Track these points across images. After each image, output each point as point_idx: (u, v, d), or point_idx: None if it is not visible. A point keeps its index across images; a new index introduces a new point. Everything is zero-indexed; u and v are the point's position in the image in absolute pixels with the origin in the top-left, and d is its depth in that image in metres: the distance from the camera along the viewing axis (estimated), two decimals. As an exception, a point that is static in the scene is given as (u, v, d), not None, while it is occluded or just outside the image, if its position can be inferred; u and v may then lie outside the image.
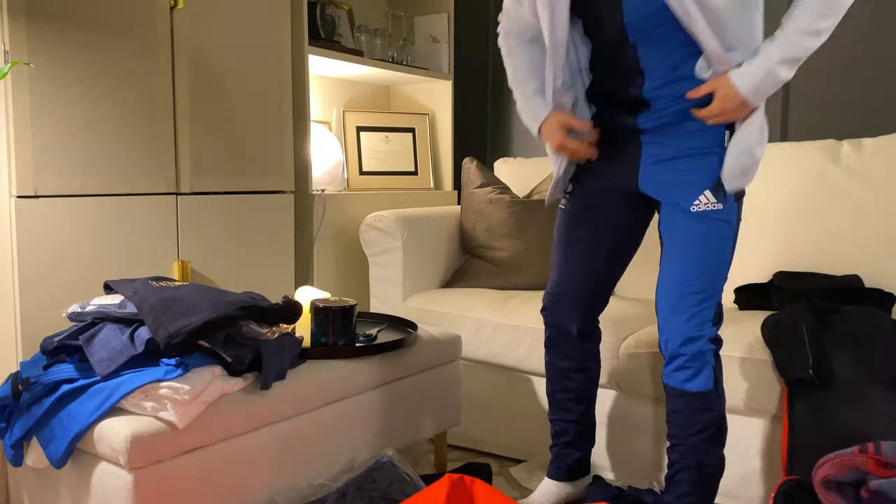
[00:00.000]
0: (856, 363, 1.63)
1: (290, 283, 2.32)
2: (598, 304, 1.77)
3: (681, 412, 1.55)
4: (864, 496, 1.29)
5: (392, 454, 1.72)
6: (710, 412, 1.54)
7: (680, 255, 1.54)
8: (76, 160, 1.77)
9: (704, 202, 1.52)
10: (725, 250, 1.54)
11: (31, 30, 1.67)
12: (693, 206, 1.53)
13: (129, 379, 1.37)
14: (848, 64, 2.47)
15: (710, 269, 1.52)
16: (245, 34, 2.14)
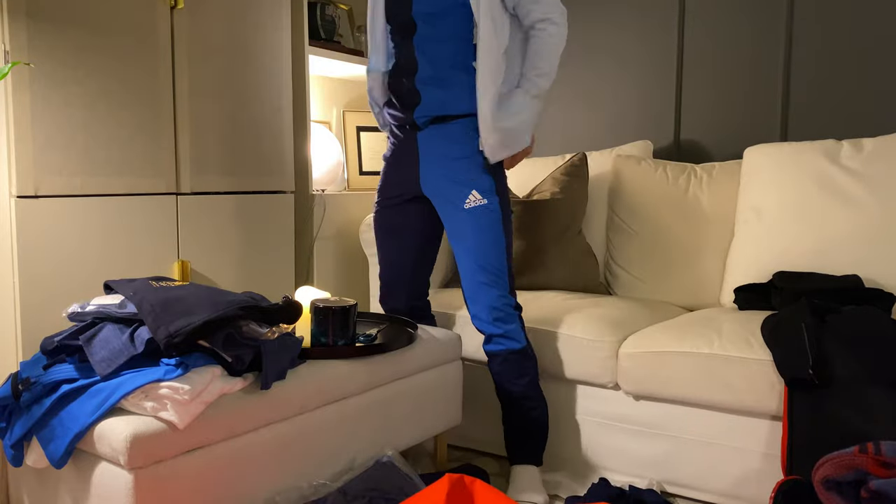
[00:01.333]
0: (856, 363, 1.63)
1: (290, 283, 2.33)
2: (420, 290, 2.10)
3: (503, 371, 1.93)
4: (864, 496, 1.29)
5: (392, 454, 1.72)
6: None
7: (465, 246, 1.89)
8: (76, 160, 1.77)
9: (474, 200, 1.87)
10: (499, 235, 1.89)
11: (31, 30, 1.67)
12: (466, 204, 1.87)
13: (129, 379, 1.37)
14: (848, 64, 2.47)
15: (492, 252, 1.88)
16: (245, 34, 2.14)
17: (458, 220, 1.88)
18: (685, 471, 1.89)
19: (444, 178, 1.89)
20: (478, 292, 1.88)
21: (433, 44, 1.84)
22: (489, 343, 1.92)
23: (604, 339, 1.98)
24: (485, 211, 1.86)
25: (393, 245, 2.05)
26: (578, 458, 2.07)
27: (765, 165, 2.28)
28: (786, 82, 2.57)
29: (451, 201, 1.89)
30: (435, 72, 1.85)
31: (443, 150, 1.89)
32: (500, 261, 1.87)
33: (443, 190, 1.90)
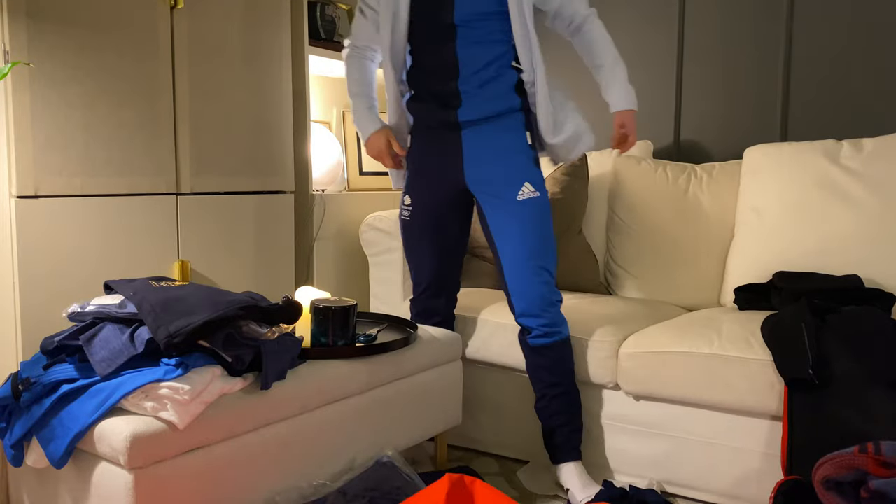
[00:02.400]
0: (856, 363, 1.63)
1: (290, 283, 2.33)
2: (456, 291, 2.11)
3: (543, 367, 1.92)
4: (864, 496, 1.29)
5: (392, 454, 1.72)
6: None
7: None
8: (76, 160, 1.77)
9: (527, 192, 1.86)
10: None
11: (31, 30, 1.67)
12: (518, 196, 1.86)
13: (129, 379, 1.37)
14: (848, 64, 2.47)
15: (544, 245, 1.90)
16: (245, 34, 2.14)
17: (507, 212, 1.86)
18: (685, 471, 1.89)
19: (494, 171, 1.88)
20: (528, 286, 1.86)
21: (475, 46, 1.84)
22: (541, 336, 1.89)
23: (604, 339, 1.98)
24: (537, 203, 1.86)
25: (431, 246, 2.01)
26: (578, 458, 2.07)
27: (765, 165, 2.28)
28: (786, 82, 2.57)
29: (501, 194, 1.87)
30: (478, 73, 1.85)
31: (492, 144, 1.88)
32: (551, 254, 1.88)
33: (492, 183, 1.88)
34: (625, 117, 1.92)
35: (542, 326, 1.88)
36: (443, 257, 2.02)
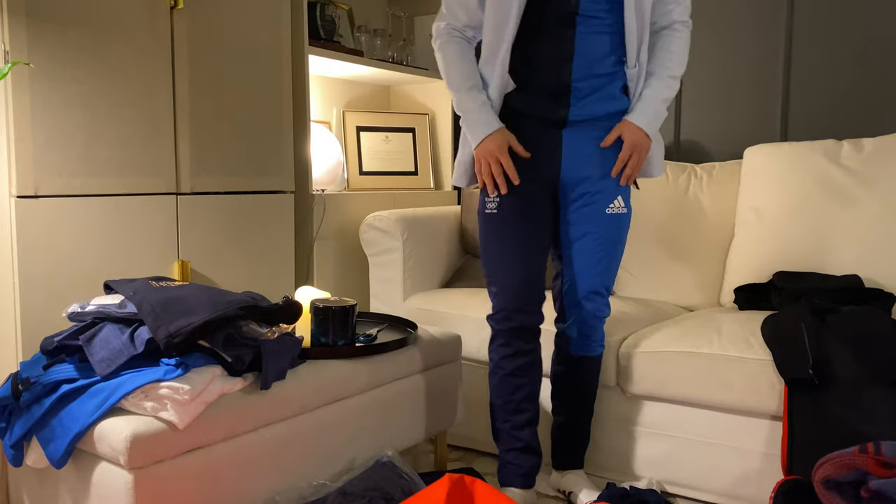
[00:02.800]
0: (856, 363, 1.63)
1: (290, 283, 2.33)
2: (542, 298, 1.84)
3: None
4: (864, 496, 1.29)
5: (392, 454, 1.72)
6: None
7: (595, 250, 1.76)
8: (76, 160, 1.77)
9: (618, 206, 1.74)
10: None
11: (31, 30, 1.67)
12: (608, 209, 1.73)
13: (129, 379, 1.37)
14: (848, 64, 2.47)
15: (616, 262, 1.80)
16: (245, 34, 2.14)
17: (594, 221, 1.73)
18: (685, 471, 1.89)
19: (592, 176, 1.72)
20: (588, 300, 1.76)
21: (592, 37, 1.66)
22: (587, 349, 1.81)
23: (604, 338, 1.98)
24: (623, 220, 1.76)
25: (523, 243, 1.74)
26: (578, 458, 2.07)
27: (765, 165, 2.28)
28: (786, 82, 2.57)
29: (595, 201, 1.72)
30: (593, 67, 1.67)
31: (595, 147, 1.72)
32: (614, 273, 1.80)
33: (587, 189, 1.72)
34: (636, 138, 1.69)
35: (587, 339, 1.80)
36: (533, 254, 1.74)
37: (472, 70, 1.74)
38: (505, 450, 1.81)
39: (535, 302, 1.76)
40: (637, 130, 1.69)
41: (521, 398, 1.78)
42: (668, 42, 1.73)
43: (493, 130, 1.69)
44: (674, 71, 1.73)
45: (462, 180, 1.81)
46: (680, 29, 1.74)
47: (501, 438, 1.81)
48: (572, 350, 1.82)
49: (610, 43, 1.67)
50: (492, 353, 1.81)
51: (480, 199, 1.78)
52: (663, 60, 1.73)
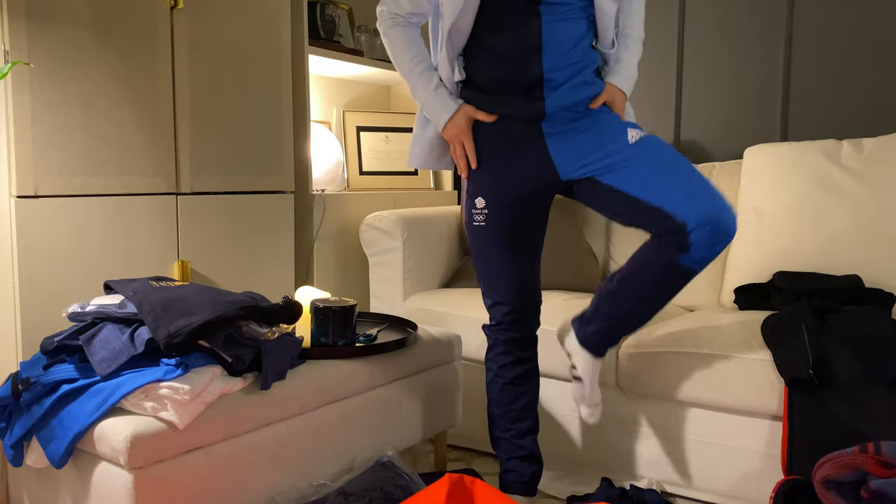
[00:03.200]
0: (856, 363, 1.63)
1: (290, 283, 2.33)
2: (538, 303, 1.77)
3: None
4: (864, 496, 1.29)
5: (392, 454, 1.73)
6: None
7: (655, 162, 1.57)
8: (76, 160, 1.77)
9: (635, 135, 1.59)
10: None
11: (31, 30, 1.67)
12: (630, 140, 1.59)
13: (129, 379, 1.37)
14: (848, 64, 2.47)
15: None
16: (245, 34, 2.14)
17: (627, 156, 1.55)
18: (685, 471, 1.89)
19: (590, 147, 1.59)
20: (688, 183, 1.52)
21: (560, 24, 1.56)
22: (707, 249, 1.49)
23: (604, 339, 1.97)
24: (651, 138, 1.59)
25: (513, 253, 1.67)
26: (578, 458, 2.07)
27: (765, 165, 2.28)
28: (786, 82, 2.57)
29: (610, 155, 1.57)
30: (565, 56, 1.57)
31: (578, 127, 1.60)
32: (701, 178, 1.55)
33: (594, 158, 1.58)
34: (616, 96, 1.64)
35: (713, 231, 1.47)
36: (528, 264, 1.70)
37: (419, 51, 1.68)
38: (506, 458, 1.78)
39: (532, 310, 1.73)
40: (621, 94, 1.65)
41: (522, 406, 1.76)
42: (634, 3, 1.69)
43: (453, 112, 1.64)
44: (642, 33, 1.72)
45: (421, 162, 1.76)
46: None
47: (502, 447, 1.78)
48: (686, 260, 1.50)
49: (581, 27, 1.58)
50: (489, 363, 1.78)
51: (467, 209, 1.71)
52: (634, 22, 1.69)
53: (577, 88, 1.59)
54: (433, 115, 1.67)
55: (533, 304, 1.73)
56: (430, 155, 1.75)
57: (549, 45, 1.56)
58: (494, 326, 1.74)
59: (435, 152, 1.74)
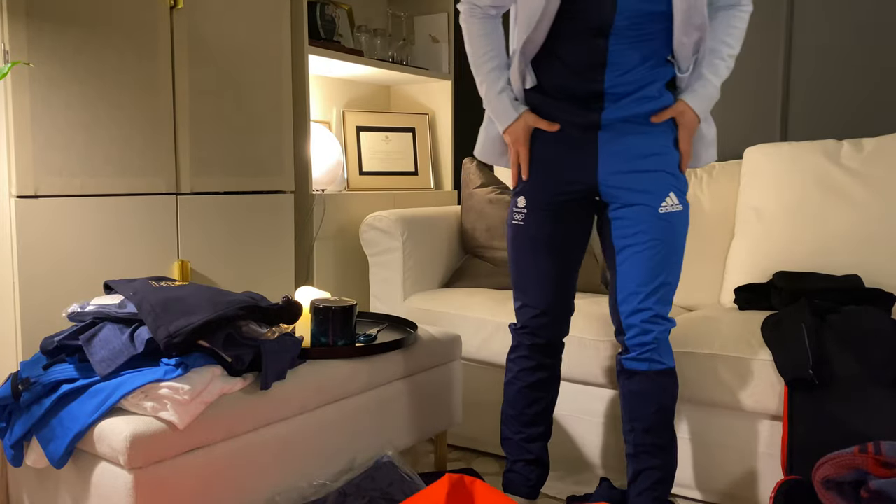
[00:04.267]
0: (856, 363, 1.63)
1: (290, 283, 2.33)
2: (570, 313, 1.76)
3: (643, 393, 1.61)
4: (864, 496, 1.29)
5: (392, 454, 1.73)
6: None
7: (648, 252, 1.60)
8: (76, 160, 1.77)
9: (671, 204, 1.58)
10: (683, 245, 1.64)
11: (31, 30, 1.67)
12: (661, 208, 1.57)
13: (129, 379, 1.37)
14: (848, 64, 2.47)
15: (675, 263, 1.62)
16: (245, 34, 2.14)
17: (644, 223, 1.57)
18: (685, 471, 1.89)
19: (636, 175, 1.57)
20: (641, 302, 1.58)
21: (630, 46, 1.53)
22: (636, 360, 1.60)
23: (604, 339, 1.98)
24: (679, 218, 1.58)
25: (550, 257, 1.66)
26: (578, 458, 2.07)
27: (765, 165, 2.28)
28: (786, 82, 2.57)
29: (641, 202, 1.57)
30: (629, 73, 1.55)
31: (636, 144, 1.57)
32: (677, 275, 1.61)
33: (632, 189, 1.57)
34: (689, 120, 1.58)
35: (640, 347, 1.59)
36: (563, 271, 1.68)
37: (493, 46, 1.65)
38: (513, 460, 1.77)
39: (561, 319, 1.72)
40: (692, 113, 1.58)
41: (537, 412, 1.75)
42: (732, 18, 1.60)
43: (514, 120, 1.62)
44: (735, 49, 1.60)
45: (483, 154, 1.76)
46: (745, 7, 1.61)
47: (511, 448, 1.77)
48: (625, 360, 1.63)
49: (652, 47, 1.54)
50: (510, 363, 1.76)
51: (510, 207, 1.71)
52: (726, 38, 1.59)
53: (639, 102, 1.56)
54: (496, 117, 1.66)
55: (562, 312, 1.71)
56: (493, 150, 1.74)
57: (614, 64, 1.54)
58: (520, 329, 1.73)
59: (497, 148, 1.73)
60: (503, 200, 2.50)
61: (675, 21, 1.50)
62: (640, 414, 1.60)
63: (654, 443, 1.60)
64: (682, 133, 1.59)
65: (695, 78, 1.59)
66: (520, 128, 1.63)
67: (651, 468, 1.61)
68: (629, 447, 1.64)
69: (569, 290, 1.71)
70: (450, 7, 3.01)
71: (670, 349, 1.62)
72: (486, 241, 2.51)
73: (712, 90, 1.59)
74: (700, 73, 1.59)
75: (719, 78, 1.59)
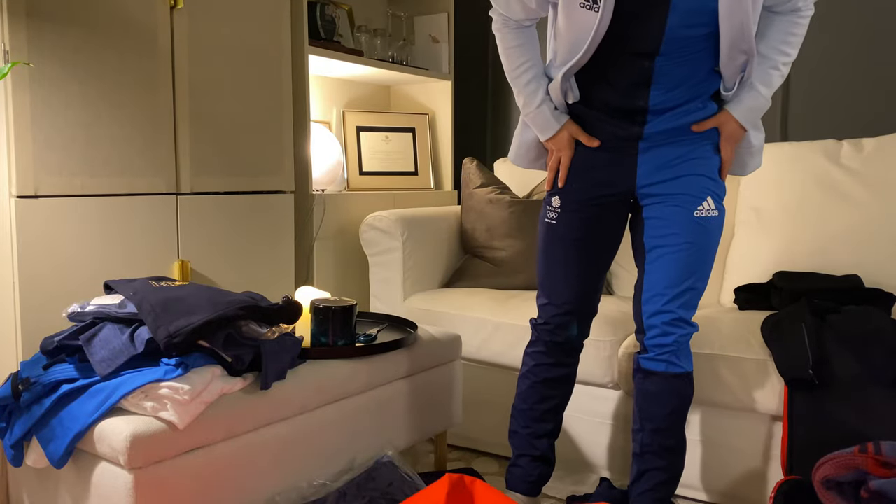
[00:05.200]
0: (856, 363, 1.63)
1: (290, 283, 2.33)
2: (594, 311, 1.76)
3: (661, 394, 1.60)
4: (863, 496, 1.29)
5: (392, 454, 1.73)
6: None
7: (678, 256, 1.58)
8: (76, 160, 1.77)
9: (707, 208, 1.56)
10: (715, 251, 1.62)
11: (31, 30, 1.67)
12: (696, 212, 1.56)
13: (129, 379, 1.37)
14: (848, 64, 2.47)
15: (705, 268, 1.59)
16: (245, 34, 2.14)
17: (679, 225, 1.55)
18: (686, 471, 1.89)
19: (674, 179, 1.57)
20: (664, 305, 1.57)
21: (675, 65, 1.51)
22: (654, 360, 1.59)
23: (604, 339, 1.98)
24: (714, 223, 1.56)
25: (580, 257, 1.65)
26: (578, 458, 2.07)
27: (765, 165, 2.28)
28: (786, 82, 2.57)
29: (678, 204, 1.56)
30: (674, 91, 1.53)
31: (676, 151, 1.57)
32: (705, 281, 1.59)
33: (670, 192, 1.57)
34: (733, 130, 1.55)
35: (658, 348, 1.58)
36: (591, 272, 1.67)
37: (529, 57, 1.62)
38: (518, 454, 1.77)
39: (585, 319, 1.71)
40: (735, 124, 1.55)
41: (548, 409, 1.74)
42: (791, 25, 1.53)
43: (556, 132, 1.61)
44: (791, 57, 1.54)
45: (518, 160, 1.74)
46: (804, 13, 1.53)
47: (517, 442, 1.77)
48: (643, 360, 1.62)
49: (699, 62, 1.51)
50: (527, 357, 1.76)
51: (543, 206, 1.71)
52: (781, 45, 1.53)
53: (682, 115, 1.55)
54: (537, 129, 1.64)
55: (587, 313, 1.71)
56: (527, 156, 1.73)
57: (659, 83, 1.52)
58: (541, 325, 1.72)
59: (531, 154, 1.72)
60: (503, 200, 2.50)
61: (722, 45, 1.46)
62: (651, 414, 1.60)
63: (661, 444, 1.60)
64: (724, 142, 1.57)
65: (744, 87, 1.54)
66: (563, 138, 1.62)
67: (655, 469, 1.61)
68: (636, 446, 1.63)
69: (595, 291, 1.70)
70: (450, 7, 3.01)
71: (690, 354, 1.60)
72: (486, 241, 2.51)
73: (761, 101, 1.54)
74: (751, 82, 1.54)
75: (770, 88, 1.54)
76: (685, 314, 1.57)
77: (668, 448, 1.60)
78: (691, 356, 1.61)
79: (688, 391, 1.60)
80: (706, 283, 1.59)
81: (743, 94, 1.54)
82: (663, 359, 1.57)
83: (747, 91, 1.54)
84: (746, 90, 1.54)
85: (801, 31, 1.54)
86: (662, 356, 1.57)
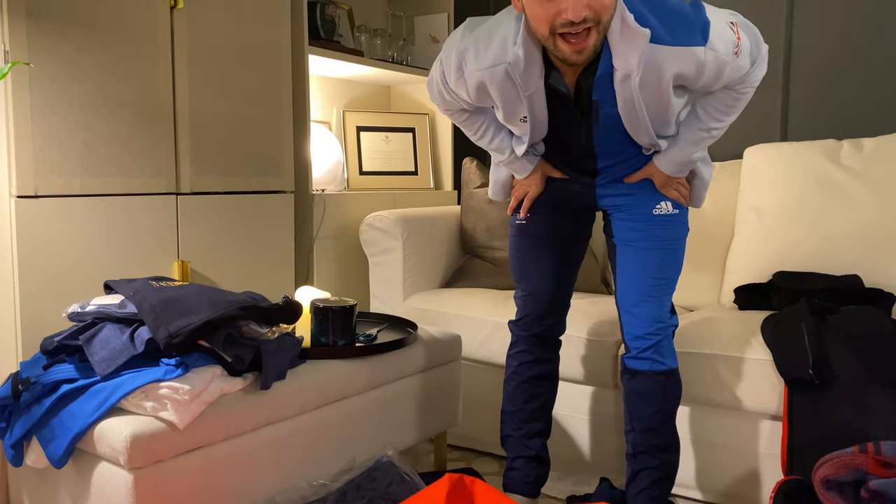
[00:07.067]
0: (856, 363, 1.63)
1: (290, 283, 2.33)
2: (566, 309, 1.81)
3: (647, 393, 1.62)
4: (864, 496, 1.29)
5: (392, 454, 1.73)
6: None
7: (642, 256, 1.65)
8: (76, 160, 1.77)
9: (665, 209, 1.63)
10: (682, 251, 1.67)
11: (31, 30, 1.67)
12: (655, 210, 1.63)
13: (130, 379, 1.37)
14: (848, 64, 2.47)
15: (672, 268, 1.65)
16: (245, 34, 2.14)
17: (639, 222, 1.63)
18: (685, 471, 1.89)
19: (631, 193, 1.65)
20: (641, 300, 1.61)
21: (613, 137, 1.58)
22: (638, 359, 1.62)
23: (604, 339, 1.98)
24: (675, 219, 1.63)
25: (551, 250, 1.73)
26: (578, 458, 2.07)
27: (765, 165, 2.28)
28: (786, 82, 2.57)
29: (637, 206, 1.63)
30: (619, 153, 1.61)
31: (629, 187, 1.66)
32: (675, 275, 1.64)
33: (629, 203, 1.65)
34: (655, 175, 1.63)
35: (639, 346, 1.61)
36: (564, 263, 1.74)
37: (481, 120, 1.67)
38: (513, 457, 1.78)
39: (560, 310, 1.76)
40: (661, 175, 1.62)
41: (536, 407, 1.76)
42: (728, 98, 1.53)
43: (530, 172, 1.70)
44: (725, 124, 1.57)
45: (497, 195, 1.83)
46: (744, 89, 1.52)
47: (510, 445, 1.78)
48: (627, 359, 1.65)
49: (628, 142, 1.59)
50: (510, 359, 1.79)
51: (511, 216, 1.79)
52: (716, 113, 1.55)
53: (628, 165, 1.63)
54: (513, 171, 1.73)
55: (561, 304, 1.76)
56: (503, 191, 1.81)
57: (603, 154, 1.61)
58: (519, 322, 1.77)
59: (507, 188, 1.80)
60: (502, 200, 2.49)
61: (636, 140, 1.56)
62: (640, 414, 1.61)
63: (653, 443, 1.61)
64: (660, 188, 1.63)
65: (675, 141, 1.58)
66: (536, 177, 1.71)
67: (649, 468, 1.62)
68: (629, 447, 1.65)
69: (569, 283, 1.76)
70: (450, 7, 3.01)
71: (673, 350, 1.63)
72: (486, 241, 2.51)
73: (685, 158, 1.58)
74: (678, 140, 1.58)
75: (696, 147, 1.57)
76: (658, 309, 1.61)
77: (659, 447, 1.61)
78: (675, 353, 1.64)
79: (674, 389, 1.62)
80: (678, 276, 1.64)
81: (670, 149, 1.59)
82: (647, 356, 1.60)
83: (675, 147, 1.58)
84: (674, 145, 1.58)
85: (739, 104, 1.54)
86: (645, 354, 1.60)
